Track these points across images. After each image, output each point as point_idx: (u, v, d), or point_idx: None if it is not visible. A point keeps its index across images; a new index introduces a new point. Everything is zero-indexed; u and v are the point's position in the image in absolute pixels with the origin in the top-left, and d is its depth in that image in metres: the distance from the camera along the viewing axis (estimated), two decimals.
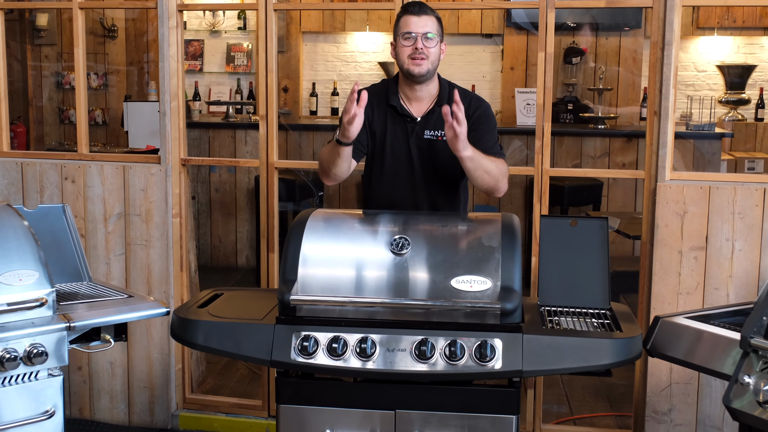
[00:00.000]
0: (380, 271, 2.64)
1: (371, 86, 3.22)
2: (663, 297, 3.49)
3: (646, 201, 3.54)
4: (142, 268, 3.93)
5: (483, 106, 3.15)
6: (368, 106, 3.09)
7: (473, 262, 2.63)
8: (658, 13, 3.44)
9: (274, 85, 3.77)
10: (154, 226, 3.89)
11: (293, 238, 2.74)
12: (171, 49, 3.84)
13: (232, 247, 6.73)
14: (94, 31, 7.82)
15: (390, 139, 3.13)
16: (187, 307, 2.86)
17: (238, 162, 3.90)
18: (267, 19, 3.73)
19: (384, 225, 2.82)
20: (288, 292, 2.60)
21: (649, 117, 3.51)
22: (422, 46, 3.00)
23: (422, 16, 3.02)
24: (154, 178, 3.86)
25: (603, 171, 3.90)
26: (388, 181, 3.15)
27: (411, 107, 3.13)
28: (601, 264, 3.01)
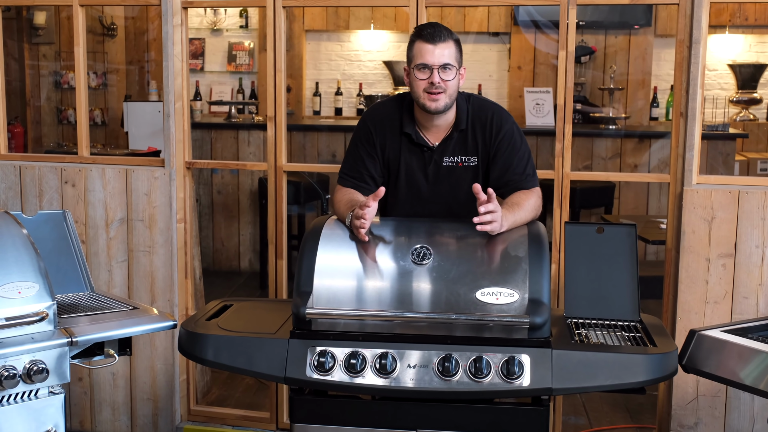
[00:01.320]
0: (401, 283, 2.50)
1: (385, 103, 3.01)
2: (689, 306, 3.35)
3: (671, 206, 3.40)
4: (146, 276, 3.78)
5: (506, 124, 2.88)
6: (381, 129, 2.92)
7: (499, 273, 2.49)
8: (685, 10, 3.30)
9: (283, 84, 3.62)
10: (157, 231, 3.74)
11: (308, 247, 2.60)
12: (175, 47, 3.69)
13: (234, 251, 6.58)
14: (93, 29, 7.67)
15: (404, 168, 2.92)
16: (196, 319, 2.72)
17: (245, 165, 3.76)
18: (275, 16, 3.58)
19: (404, 234, 2.67)
20: (303, 305, 2.45)
21: (674, 118, 3.37)
22: (439, 81, 2.74)
23: (438, 44, 2.74)
24: (157, 182, 3.71)
25: (627, 175, 3.73)
26: (404, 213, 2.95)
27: (427, 134, 2.90)
28: (630, 273, 2.87)
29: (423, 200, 2.93)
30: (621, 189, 6.14)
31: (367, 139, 2.93)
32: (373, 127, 2.93)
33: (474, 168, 2.90)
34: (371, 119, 2.96)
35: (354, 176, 2.92)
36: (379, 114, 2.97)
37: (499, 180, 2.88)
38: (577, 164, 6.14)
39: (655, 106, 7.37)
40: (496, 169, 2.88)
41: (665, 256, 3.46)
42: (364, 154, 2.92)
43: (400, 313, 2.45)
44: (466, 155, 2.89)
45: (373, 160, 2.92)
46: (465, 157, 2.89)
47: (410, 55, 2.83)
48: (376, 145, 2.92)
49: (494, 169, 2.88)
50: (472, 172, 2.90)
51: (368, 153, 2.92)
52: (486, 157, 2.89)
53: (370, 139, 2.92)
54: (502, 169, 2.87)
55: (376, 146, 2.92)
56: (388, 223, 2.76)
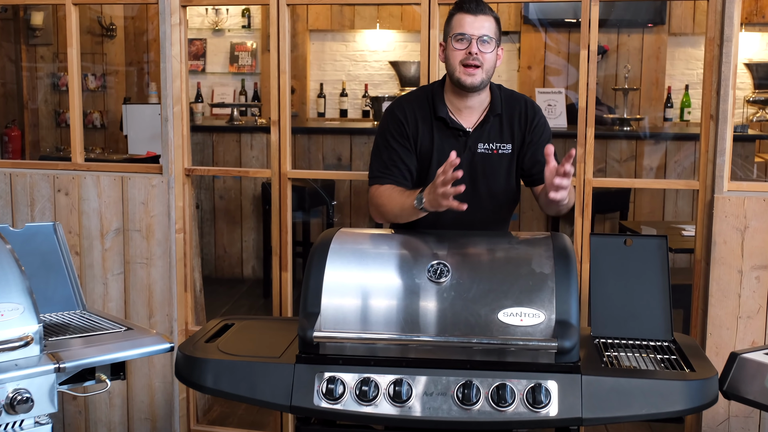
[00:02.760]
0: (416, 303, 2.29)
1: (410, 94, 2.85)
2: (720, 321, 3.15)
3: (700, 214, 3.20)
4: (143, 289, 3.58)
5: (539, 112, 2.79)
6: (412, 118, 2.75)
7: (523, 292, 2.29)
8: (716, 6, 3.10)
9: (287, 87, 3.42)
10: (155, 242, 3.54)
11: (315, 263, 2.39)
12: (173, 48, 3.50)
13: (237, 258, 6.39)
14: (92, 30, 7.48)
15: (438, 156, 2.73)
16: (194, 341, 2.52)
17: (248, 172, 3.56)
18: (279, 15, 3.39)
19: (419, 248, 2.47)
20: (310, 327, 2.25)
21: (704, 121, 3.16)
22: (477, 51, 2.59)
23: (479, 15, 2.61)
24: (155, 190, 3.52)
25: (653, 182, 3.50)
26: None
27: (461, 118, 2.74)
28: (661, 289, 2.67)
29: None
30: (636, 192, 5.94)
31: (400, 131, 2.75)
32: (404, 116, 2.76)
33: (509, 156, 2.76)
34: (399, 109, 2.78)
35: (391, 173, 2.74)
36: (407, 102, 2.80)
37: (533, 167, 2.75)
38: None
39: (669, 106, 7.17)
40: (530, 156, 2.75)
41: (694, 268, 3.25)
42: (398, 147, 2.75)
43: (416, 336, 2.25)
44: (501, 141, 2.75)
45: (409, 152, 2.75)
46: (500, 144, 2.74)
47: (448, 28, 2.69)
48: (409, 136, 2.74)
49: (528, 156, 2.75)
50: (507, 161, 2.76)
51: (402, 145, 2.75)
52: (520, 145, 2.76)
53: (403, 130, 2.74)
54: (536, 155, 2.73)
55: (409, 137, 2.74)
56: (401, 235, 2.55)
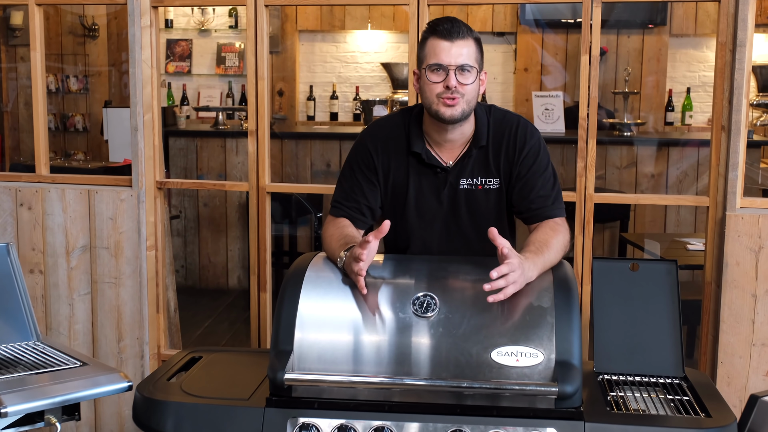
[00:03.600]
0: (400, 340, 2.05)
1: (387, 119, 2.57)
2: (733, 349, 2.91)
3: (710, 233, 2.96)
4: (111, 311, 3.34)
5: (532, 138, 2.43)
6: (383, 151, 2.47)
7: (519, 329, 2.05)
8: (728, 8, 2.86)
9: (266, 93, 3.18)
10: (124, 261, 3.30)
11: (288, 294, 2.15)
12: (144, 52, 3.25)
13: (222, 267, 6.14)
14: (74, 30, 7.24)
15: (414, 192, 2.46)
16: (155, 379, 2.27)
17: (224, 185, 3.32)
18: (257, 16, 3.14)
19: (404, 277, 2.23)
20: (281, 368, 2.01)
21: (714, 133, 2.93)
22: (456, 84, 2.30)
23: (456, 40, 2.31)
24: (124, 204, 3.27)
25: (659, 197, 3.25)
26: (414, 246, 2.50)
27: (440, 152, 2.45)
28: (671, 319, 2.43)
29: (436, 232, 2.49)
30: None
31: (366, 163, 2.47)
32: (374, 147, 2.47)
33: (497, 192, 2.45)
34: (371, 138, 2.50)
35: (349, 206, 2.47)
36: (381, 132, 2.51)
37: (520, 204, 2.45)
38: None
39: (670, 110, 6.94)
40: (518, 191, 2.44)
41: (703, 290, 3.02)
42: (362, 180, 2.47)
43: (399, 378, 2.01)
44: (487, 176, 2.44)
45: (373, 187, 2.47)
46: (486, 178, 2.44)
47: (421, 55, 2.38)
48: (377, 170, 2.47)
49: (516, 192, 2.44)
50: (495, 197, 2.46)
51: (367, 179, 2.47)
52: (509, 178, 2.45)
53: (370, 162, 2.47)
54: (524, 190, 2.43)
55: (377, 171, 2.47)
56: (385, 263, 2.31)
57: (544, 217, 2.40)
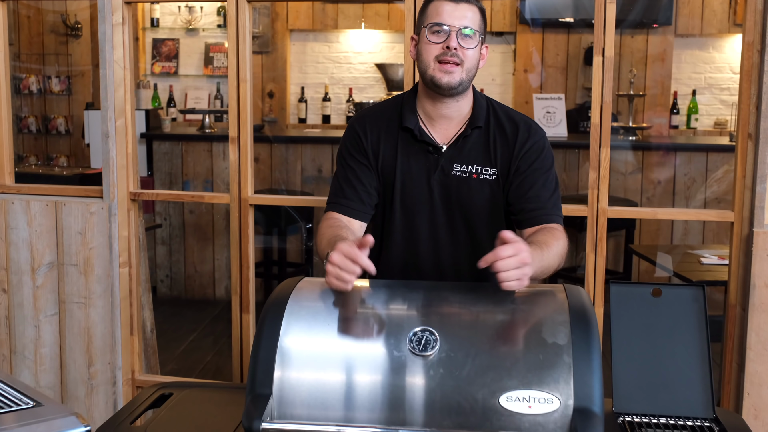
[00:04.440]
0: (394, 382, 1.79)
1: (377, 104, 2.35)
2: (761, 378, 2.65)
3: (735, 251, 2.70)
4: (81, 333, 3.07)
5: (537, 134, 2.20)
6: (373, 130, 2.24)
7: (532, 369, 1.78)
8: (755, 5, 2.60)
9: (248, 98, 2.92)
10: (94, 279, 3.03)
11: (266, 328, 1.88)
12: (116, 51, 2.99)
13: (209, 277, 5.87)
14: (56, 29, 6.96)
15: (401, 176, 2.21)
16: (118, 422, 2.00)
17: (203, 197, 3.05)
18: (239, 13, 2.89)
19: (399, 308, 1.96)
20: (257, 416, 1.74)
21: (740, 141, 2.67)
22: (456, 46, 2.09)
23: (461, 3, 2.12)
24: (94, 217, 3.00)
25: (679, 212, 2.95)
26: (401, 238, 2.25)
27: (434, 131, 2.21)
28: (699, 352, 2.17)
29: (426, 221, 2.23)
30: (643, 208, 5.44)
31: (357, 146, 2.24)
32: (362, 130, 2.24)
33: (493, 183, 2.19)
34: (359, 122, 2.27)
35: (344, 195, 2.22)
36: (370, 112, 2.29)
37: (516, 203, 2.19)
38: None
39: (675, 112, 6.69)
40: (516, 189, 2.18)
41: (726, 313, 2.76)
42: (354, 165, 2.23)
43: (394, 428, 1.74)
44: (484, 164, 2.19)
45: (368, 170, 2.23)
46: (482, 167, 2.19)
47: (422, 18, 2.17)
48: (367, 152, 2.23)
49: (514, 189, 2.18)
50: (490, 189, 2.20)
51: (359, 162, 2.23)
52: (507, 172, 2.20)
53: (360, 144, 2.24)
54: (522, 187, 2.17)
55: (367, 153, 2.23)
56: (378, 290, 2.04)
57: (542, 221, 2.15)
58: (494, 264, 1.81)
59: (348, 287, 1.88)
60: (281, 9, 6.86)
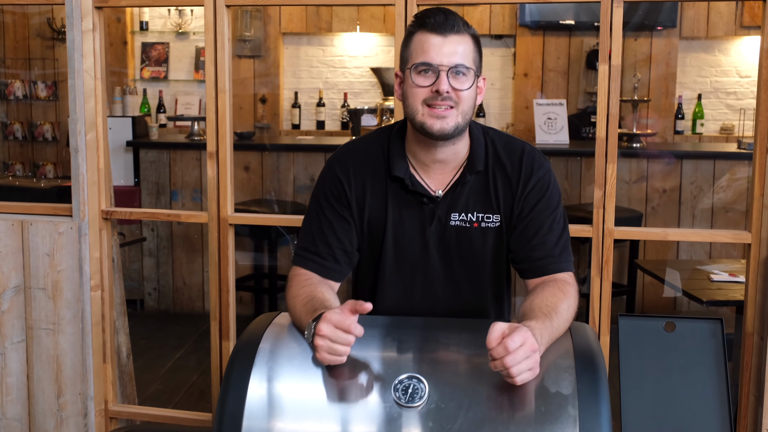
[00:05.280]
0: None
1: (360, 141, 2.08)
2: None
3: (752, 275, 2.49)
4: (49, 361, 2.87)
5: (541, 169, 1.97)
6: (357, 177, 1.99)
7: (533, 423, 1.58)
8: None
9: (227, 110, 2.72)
10: (64, 303, 2.83)
11: (235, 374, 1.68)
12: (86, 60, 2.78)
13: (198, 290, 5.66)
14: (42, 33, 6.76)
15: (393, 229, 1.98)
16: None
17: (179, 216, 2.85)
18: (217, 18, 2.68)
19: (384, 351, 1.76)
20: None
21: (758, 156, 2.47)
22: (448, 89, 1.85)
23: (450, 35, 1.86)
24: (63, 238, 2.80)
25: (691, 233, 2.67)
26: (393, 296, 2.03)
27: (427, 178, 1.98)
28: (717, 392, 1.98)
29: (422, 276, 2.01)
30: (647, 219, 5.25)
31: (336, 195, 2.00)
32: (345, 174, 2.00)
33: (497, 231, 1.98)
34: (341, 163, 2.02)
35: (317, 252, 1.99)
36: (353, 155, 2.03)
37: (520, 251, 1.97)
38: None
39: (680, 117, 6.48)
40: (520, 235, 1.96)
41: (743, 343, 2.55)
42: (332, 217, 2.00)
43: None
44: (485, 211, 1.97)
45: (347, 225, 2.00)
46: (483, 214, 1.97)
47: (406, 53, 1.92)
48: (350, 203, 2.00)
49: (517, 235, 1.96)
50: (495, 238, 1.98)
51: (338, 215, 2.00)
52: (510, 215, 1.98)
53: (341, 193, 2.00)
54: (527, 233, 1.95)
55: (350, 204, 2.00)
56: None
57: (549, 272, 1.92)
58: (503, 360, 1.58)
59: (343, 360, 1.66)
60: (274, 12, 6.65)
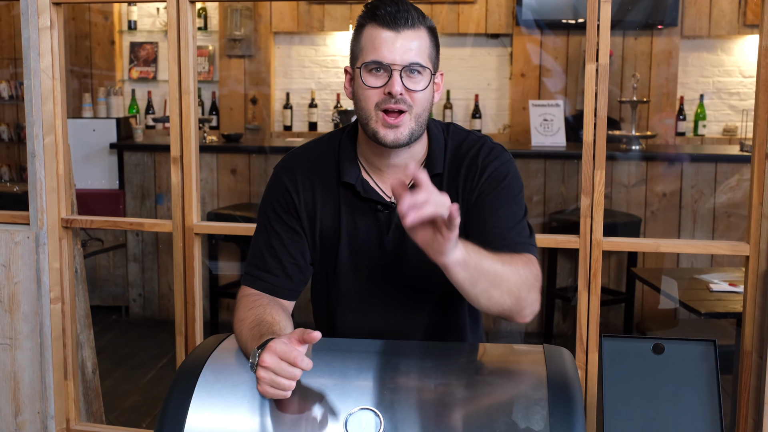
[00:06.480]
0: None
1: (310, 145, 1.92)
2: None
3: (751, 289, 2.33)
4: (6, 378, 2.71)
5: (497, 160, 1.80)
6: (306, 185, 1.82)
7: None
8: None
9: (192, 112, 2.56)
10: (21, 317, 2.67)
11: (172, 406, 1.52)
12: (43, 60, 2.63)
13: None
14: None
15: (348, 239, 1.82)
16: None
17: (142, 225, 2.70)
18: (180, 14, 2.53)
19: (335, 379, 1.59)
20: None
21: (757, 163, 2.30)
22: (402, 91, 1.69)
23: (403, 30, 1.69)
24: (19, 248, 2.65)
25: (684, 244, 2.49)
26: (350, 313, 1.86)
27: (382, 183, 1.82)
28: (710, 418, 1.81)
29: (377, 295, 1.85)
30: (647, 223, 5.08)
31: (285, 205, 1.84)
32: (292, 182, 1.84)
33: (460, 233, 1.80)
34: (288, 171, 1.86)
35: (267, 269, 1.83)
36: (301, 161, 1.86)
37: (474, 237, 1.75)
38: None
39: (681, 119, 6.31)
40: (474, 223, 1.78)
41: (740, 361, 2.38)
42: (280, 229, 1.83)
43: None
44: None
45: (298, 238, 1.84)
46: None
47: (356, 48, 1.76)
48: (300, 214, 1.83)
49: (471, 222, 1.79)
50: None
51: (288, 227, 1.83)
52: (467, 209, 1.81)
53: (289, 202, 1.83)
54: (480, 221, 1.77)
55: (299, 214, 1.83)
56: (313, 351, 1.67)
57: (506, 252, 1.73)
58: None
59: (286, 395, 1.49)
60: (264, 11, 6.50)
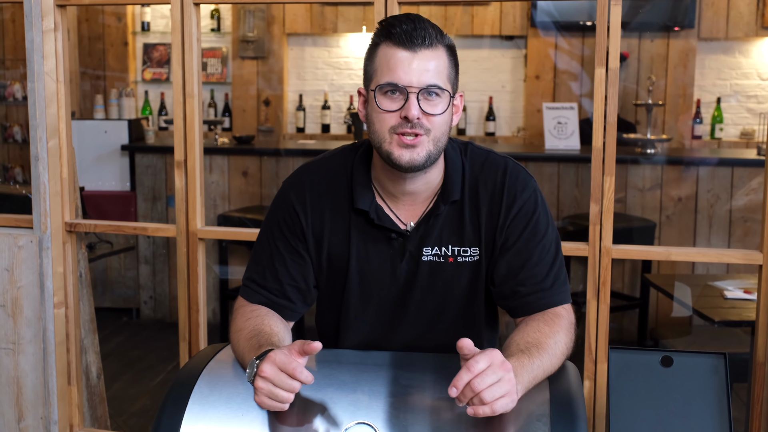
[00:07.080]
0: None
1: (320, 162, 1.84)
2: None
3: (764, 299, 2.28)
4: (9, 383, 2.69)
5: (526, 191, 1.73)
6: (315, 209, 1.77)
7: None
8: None
9: (196, 116, 2.53)
10: (24, 322, 2.66)
11: (165, 418, 1.49)
12: (47, 62, 2.60)
13: None
14: None
15: (358, 267, 1.76)
16: None
17: (146, 229, 2.67)
18: (184, 17, 2.49)
19: (334, 392, 1.56)
20: None
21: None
22: (418, 115, 1.61)
23: (421, 50, 1.62)
24: (22, 252, 2.63)
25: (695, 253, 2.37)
26: (359, 338, 1.81)
27: (396, 209, 1.76)
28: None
29: (386, 321, 1.80)
30: (662, 228, 5.01)
31: (292, 228, 1.78)
32: (301, 204, 1.78)
33: (474, 266, 1.74)
34: (297, 190, 1.79)
35: (266, 287, 1.78)
36: (312, 181, 1.80)
37: (504, 286, 1.73)
38: None
39: (698, 122, 6.23)
40: (504, 268, 1.72)
41: (752, 372, 2.33)
42: (285, 251, 1.78)
43: None
44: (461, 244, 1.73)
45: (302, 261, 1.78)
46: (459, 247, 1.73)
47: (370, 69, 1.68)
48: (306, 237, 1.77)
49: (501, 267, 1.73)
50: (471, 273, 1.75)
51: (292, 249, 1.78)
52: (492, 248, 1.74)
53: (296, 224, 1.78)
54: (512, 267, 1.72)
55: (306, 238, 1.77)
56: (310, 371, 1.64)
57: (540, 308, 1.69)
58: (471, 384, 1.38)
59: (284, 408, 1.46)
60: (278, 12, 6.48)
